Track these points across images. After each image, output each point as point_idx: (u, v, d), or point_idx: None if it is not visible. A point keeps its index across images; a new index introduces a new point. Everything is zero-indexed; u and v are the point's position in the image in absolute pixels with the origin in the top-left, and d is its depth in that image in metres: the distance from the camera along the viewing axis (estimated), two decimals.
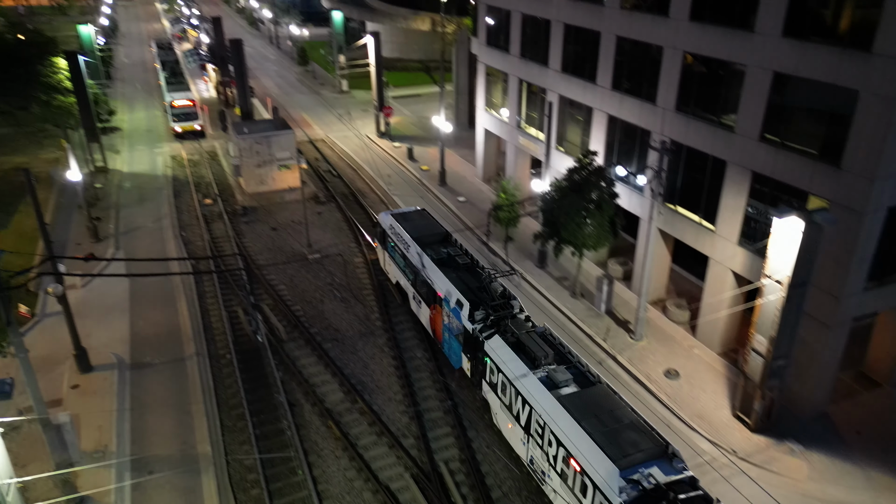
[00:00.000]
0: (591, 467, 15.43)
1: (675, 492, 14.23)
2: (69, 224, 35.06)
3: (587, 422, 16.29)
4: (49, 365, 23.56)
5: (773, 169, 20.94)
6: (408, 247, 25.58)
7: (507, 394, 19.22)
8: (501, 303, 21.58)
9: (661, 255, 27.33)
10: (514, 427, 19.14)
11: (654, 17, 24.64)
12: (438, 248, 24.95)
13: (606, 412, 16.74)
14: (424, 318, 25.15)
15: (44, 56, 44.03)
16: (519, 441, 19.08)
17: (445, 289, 22.68)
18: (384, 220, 27.95)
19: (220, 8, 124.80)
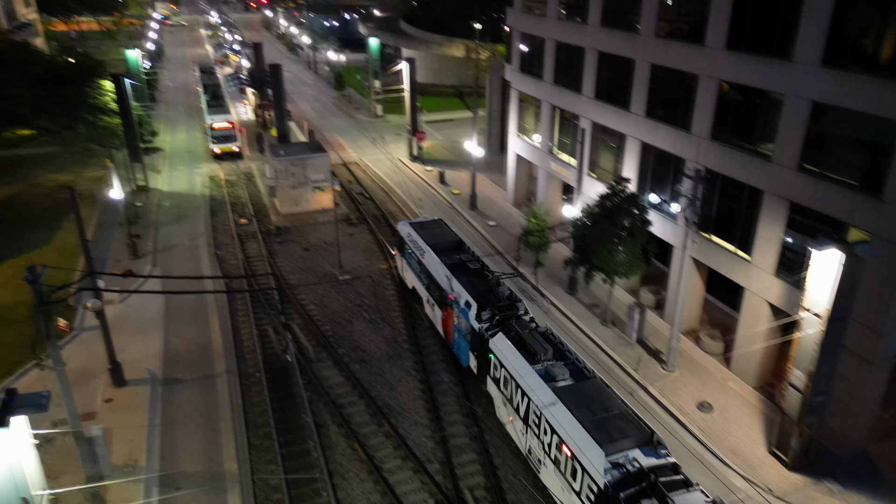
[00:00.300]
0: (580, 452, 16.59)
1: (657, 475, 15.21)
2: (109, 241, 36.06)
3: (579, 411, 17.44)
4: (84, 378, 24.08)
5: (812, 199, 20.51)
6: (423, 253, 27.11)
7: (508, 387, 20.44)
8: (507, 304, 22.88)
9: (695, 284, 26.86)
10: (515, 419, 20.27)
11: (689, 46, 24.57)
12: (452, 254, 26.60)
13: (598, 403, 17.93)
14: (437, 320, 26.52)
15: (92, 78, 45.91)
16: (519, 433, 20.18)
17: (456, 291, 24.13)
18: (402, 229, 29.71)
19: (261, 34, 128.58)
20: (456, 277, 24.61)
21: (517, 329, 21.35)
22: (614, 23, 29.01)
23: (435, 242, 27.30)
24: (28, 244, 35.11)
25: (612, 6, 29.06)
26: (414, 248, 28.11)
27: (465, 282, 24.27)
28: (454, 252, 26.89)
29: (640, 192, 28.27)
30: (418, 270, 27.89)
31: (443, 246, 27.18)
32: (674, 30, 25.81)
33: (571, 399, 17.94)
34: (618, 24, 28.79)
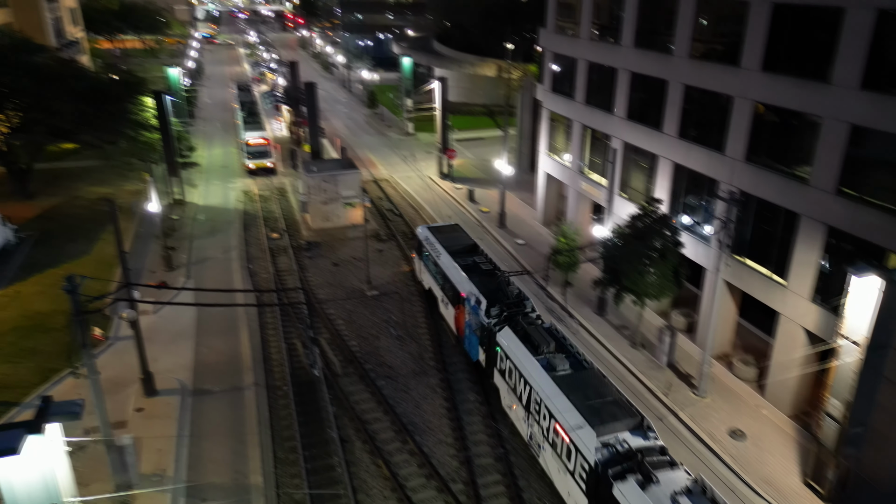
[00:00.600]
0: (574, 433, 17.93)
1: (644, 455, 16.51)
2: (146, 253, 36.93)
3: (574, 396, 18.82)
4: (117, 387, 24.56)
5: (850, 224, 20.01)
6: (439, 255, 28.82)
7: (512, 378, 21.89)
8: (515, 301, 24.55)
9: (728, 308, 26.33)
10: (518, 407, 21.68)
11: (724, 67, 24.35)
12: (466, 256, 28.21)
13: (593, 390, 19.28)
14: (450, 317, 28.11)
15: (134, 95, 47.37)
16: (521, 420, 21.51)
17: (468, 290, 25.69)
18: (421, 233, 31.56)
19: (298, 53, 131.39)
20: (468, 277, 26.18)
21: (523, 324, 22.70)
22: (647, 44, 28.94)
23: (450, 245, 28.95)
24: (68, 255, 36.16)
25: (646, 27, 29.01)
26: (431, 251, 29.71)
27: (476, 281, 25.75)
28: (468, 254, 28.46)
29: (671, 213, 27.93)
30: (434, 272, 29.43)
31: (458, 248, 28.80)
32: (708, 51, 25.62)
33: (569, 386, 19.29)
34: (651, 45, 28.70)
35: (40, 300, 31.04)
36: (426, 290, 31.18)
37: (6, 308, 30.43)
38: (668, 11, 27.22)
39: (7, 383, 24.92)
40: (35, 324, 29.03)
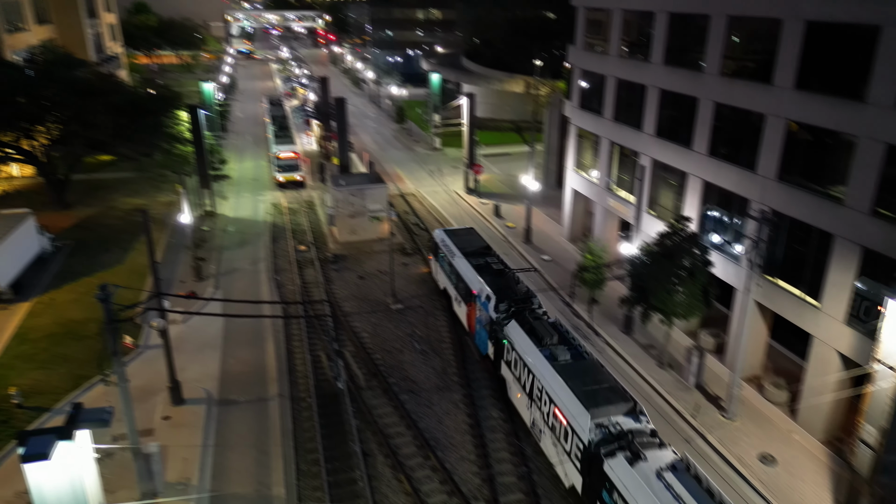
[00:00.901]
0: (570, 415, 19.22)
1: (634, 436, 17.80)
2: (177, 263, 37.62)
3: (573, 382, 19.96)
4: (145, 395, 24.95)
5: (887, 245, 19.49)
6: (454, 256, 30.46)
7: (517, 368, 23.19)
8: (523, 298, 25.85)
9: (758, 329, 25.78)
10: (522, 396, 22.97)
11: (756, 85, 24.06)
12: (478, 257, 29.68)
13: (591, 377, 20.45)
14: (462, 314, 29.50)
15: (169, 109, 48.55)
16: (525, 407, 22.84)
17: (479, 287, 27.13)
18: (437, 236, 33.28)
19: (328, 69, 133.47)
20: (480, 276, 27.66)
21: (529, 319, 24.02)
22: (678, 61, 28.76)
23: (464, 247, 30.69)
24: (102, 264, 37.02)
25: (676, 44, 28.86)
26: (446, 252, 31.47)
27: (487, 279, 27.21)
28: (481, 255, 29.92)
29: (701, 231, 27.55)
30: (449, 272, 31.11)
31: (471, 250, 30.45)
32: (739, 68, 25.35)
33: (568, 373, 20.53)
34: (681, 63, 28.52)
35: (74, 308, 31.79)
36: (441, 290, 32.90)
37: (41, 315, 31.21)
38: (698, 29, 27.06)
39: (40, 389, 25.50)
40: (68, 331, 29.71)
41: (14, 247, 33.30)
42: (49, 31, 62.69)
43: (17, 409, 24.11)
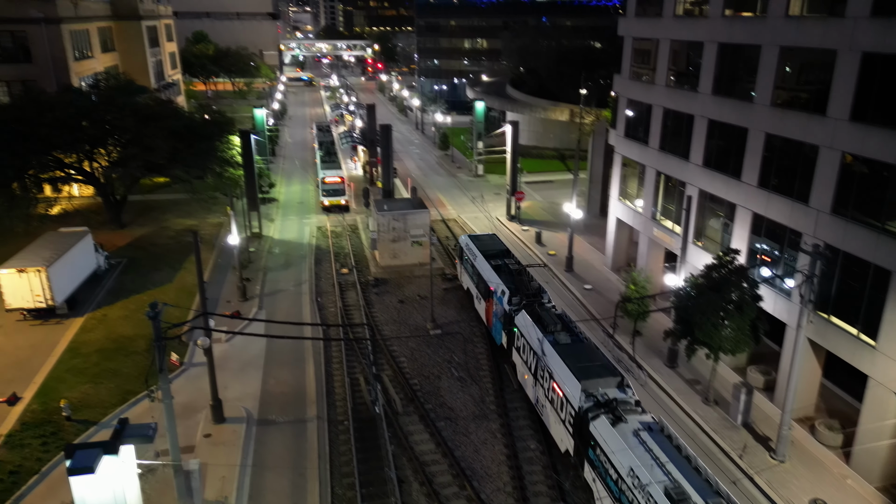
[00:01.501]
0: (565, 387, 21.72)
1: (618, 403, 20.19)
2: (223, 283, 38.56)
3: (569, 360, 22.54)
4: (188, 412, 25.44)
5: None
6: (476, 258, 33.10)
7: (525, 353, 25.91)
8: (534, 293, 28.32)
9: (811, 367, 24.73)
10: (529, 377, 25.61)
11: (809, 116, 23.47)
12: (497, 258, 32.17)
13: (586, 356, 23.06)
14: (482, 310, 32.29)
15: (223, 134, 50.27)
16: (531, 386, 25.53)
17: (496, 284, 29.66)
18: (462, 241, 36.19)
19: (375, 96, 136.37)
20: (497, 274, 30.24)
21: (537, 310, 26.44)
22: (727, 91, 28.33)
23: (485, 249, 33.45)
24: (152, 282, 38.24)
25: (726, 74, 28.45)
26: (469, 255, 34.31)
27: (504, 277, 29.70)
28: (500, 257, 32.38)
29: (750, 264, 26.77)
30: (471, 272, 33.82)
31: (491, 252, 33.05)
32: (792, 99, 24.80)
33: (566, 353, 23.10)
34: (731, 93, 28.07)
35: (124, 324, 32.83)
36: (465, 290, 35.83)
37: (93, 330, 32.34)
38: (749, 59, 26.66)
39: (89, 402, 26.30)
40: (118, 346, 30.67)
41: (72, 264, 34.72)
42: (113, 59, 66.02)
43: (66, 421, 24.92)
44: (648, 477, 16.91)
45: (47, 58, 52.43)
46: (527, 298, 27.57)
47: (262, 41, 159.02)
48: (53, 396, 26.53)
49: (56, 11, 52.36)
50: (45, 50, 52.33)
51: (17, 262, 32.34)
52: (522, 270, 30.75)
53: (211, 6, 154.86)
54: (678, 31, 31.60)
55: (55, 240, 35.83)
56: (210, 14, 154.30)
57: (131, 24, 67.93)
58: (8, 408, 25.87)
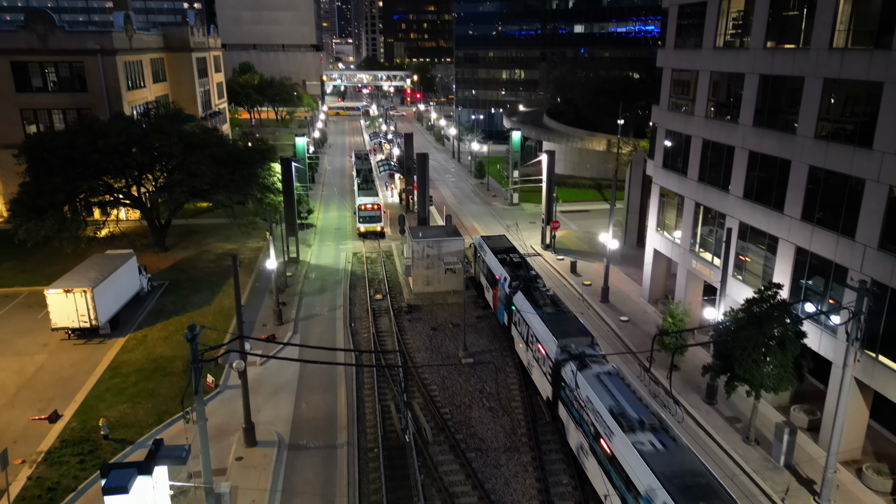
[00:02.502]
0: (547, 345, 26.73)
1: (586, 355, 24.94)
2: (259, 306, 39.19)
3: (551, 325, 27.51)
4: (221, 434, 25.71)
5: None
6: (486, 254, 38.66)
7: (520, 325, 30.73)
8: (530, 278, 33.22)
9: (857, 408, 23.71)
10: (522, 345, 30.49)
11: (855, 149, 22.91)
12: (503, 253, 37.55)
13: (565, 322, 28.24)
14: (490, 297, 37.78)
15: (264, 161, 51.60)
16: (524, 353, 30.27)
17: (500, 273, 34.95)
18: (476, 241, 42.13)
19: (413, 125, 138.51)
20: (502, 266, 35.55)
21: (532, 291, 31.37)
22: (769, 122, 27.90)
23: (494, 247, 38.94)
24: (192, 304, 39.10)
25: (767, 106, 28.06)
26: (481, 252, 39.88)
27: (507, 268, 34.95)
28: (506, 252, 37.85)
29: (793, 299, 25.98)
30: (482, 266, 39.39)
31: (499, 249, 38.48)
32: (836, 131, 24.27)
33: (549, 319, 28.24)
34: (773, 124, 27.64)
35: (164, 345, 33.56)
36: (478, 283, 41.24)
37: (133, 350, 33.13)
38: (792, 91, 26.26)
39: (126, 422, 26.84)
40: (157, 367, 31.32)
41: (116, 285, 35.81)
42: (164, 88, 68.76)
43: (103, 440, 25.44)
44: (599, 402, 21.46)
45: (102, 87, 54.94)
46: (523, 283, 32.45)
47: (306, 71, 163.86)
48: (93, 415, 27.15)
49: (112, 43, 54.99)
50: (100, 80, 54.85)
51: (65, 283, 33.49)
52: (522, 262, 36.02)
53: (258, 38, 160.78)
54: (718, 62, 31.39)
55: (101, 261, 37.05)
56: (257, 46, 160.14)
57: (182, 55, 70.80)
58: (49, 425, 26.58)
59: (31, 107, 54.88)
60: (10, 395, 29.02)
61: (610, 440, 19.92)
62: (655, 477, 17.44)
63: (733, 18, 30.50)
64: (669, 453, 18.64)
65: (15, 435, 25.94)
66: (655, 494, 17.10)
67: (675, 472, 17.72)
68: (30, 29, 53.28)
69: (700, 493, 16.93)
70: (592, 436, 21.53)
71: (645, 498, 17.51)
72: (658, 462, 18.12)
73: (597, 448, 21.12)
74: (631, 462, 18.55)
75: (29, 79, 54.54)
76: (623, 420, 19.98)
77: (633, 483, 18.16)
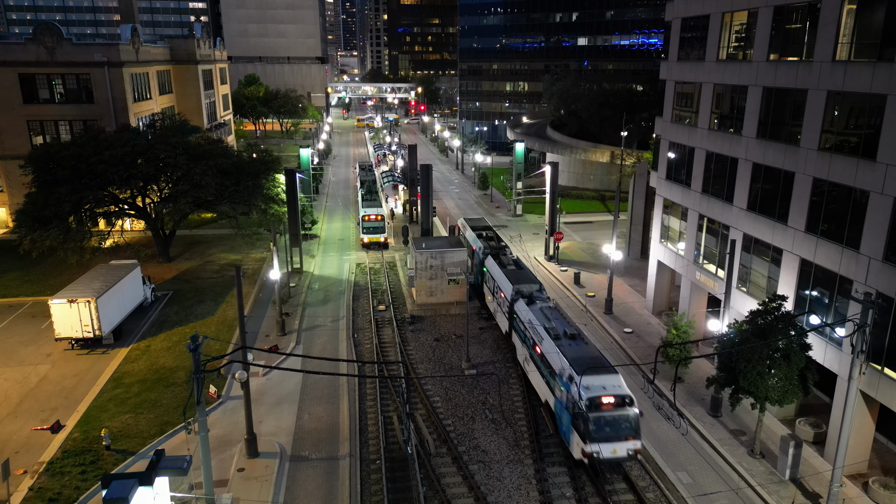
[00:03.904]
0: (504, 289, 34.19)
1: (534, 295, 32.35)
2: (262, 317, 39.19)
3: (510, 276, 34.85)
4: (223, 445, 25.62)
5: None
6: (466, 230, 46.42)
7: (489, 282, 38.10)
8: (499, 247, 41.49)
9: (863, 421, 23.52)
10: (491, 297, 37.59)
11: (859, 161, 22.89)
12: (479, 230, 45.79)
13: (522, 274, 35.50)
14: (469, 263, 43.19)
15: (269, 172, 51.81)
16: (490, 302, 37.86)
17: (476, 245, 42.43)
18: (460, 222, 50.05)
19: (417, 137, 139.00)
20: (478, 238, 43.32)
21: (500, 256, 38.67)
22: (772, 134, 27.93)
23: (473, 226, 47.00)
24: (195, 314, 39.12)
25: (771, 118, 28.10)
26: (464, 230, 47.46)
27: (481, 240, 42.74)
28: (482, 229, 46.11)
29: (797, 311, 25.86)
30: (465, 240, 45.93)
31: (477, 226, 46.81)
32: (840, 143, 24.26)
33: (509, 273, 35.51)
34: (776, 136, 27.66)
35: (167, 355, 33.54)
36: None
37: (136, 360, 33.13)
38: (795, 103, 26.30)
39: (128, 432, 26.79)
40: (159, 377, 31.29)
41: (120, 295, 35.88)
42: (170, 100, 69.26)
43: (105, 450, 25.39)
44: (537, 322, 29.19)
45: (108, 99, 55.38)
46: (493, 250, 39.87)
47: (311, 83, 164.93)
48: (95, 425, 27.12)
49: (119, 56, 55.51)
50: (107, 91, 55.31)
51: (69, 293, 33.58)
52: (494, 236, 44.68)
53: (264, 51, 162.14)
54: (721, 74, 31.48)
55: (106, 272, 37.15)
56: (262, 58, 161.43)
57: (188, 67, 71.38)
58: (51, 435, 26.55)
59: (37, 118, 55.37)
60: (12, 404, 29.02)
61: (541, 345, 27.78)
62: (566, 360, 25.45)
63: (736, 31, 30.63)
64: (579, 348, 26.54)
65: (17, 445, 25.91)
66: (564, 369, 25.13)
67: (579, 357, 25.53)
68: (38, 41, 53.85)
69: (592, 367, 24.54)
70: (531, 346, 29.23)
71: (559, 374, 25.44)
72: (569, 352, 25.98)
73: (534, 354, 28.78)
74: (553, 354, 26.58)
75: (36, 90, 55.07)
76: (551, 331, 28.01)
77: (552, 366, 26.23)
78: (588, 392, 23.23)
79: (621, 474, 24.29)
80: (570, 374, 24.31)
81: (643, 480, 24.18)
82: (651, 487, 23.81)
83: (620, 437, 22.94)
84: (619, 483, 24.04)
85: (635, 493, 23.38)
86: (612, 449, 22.78)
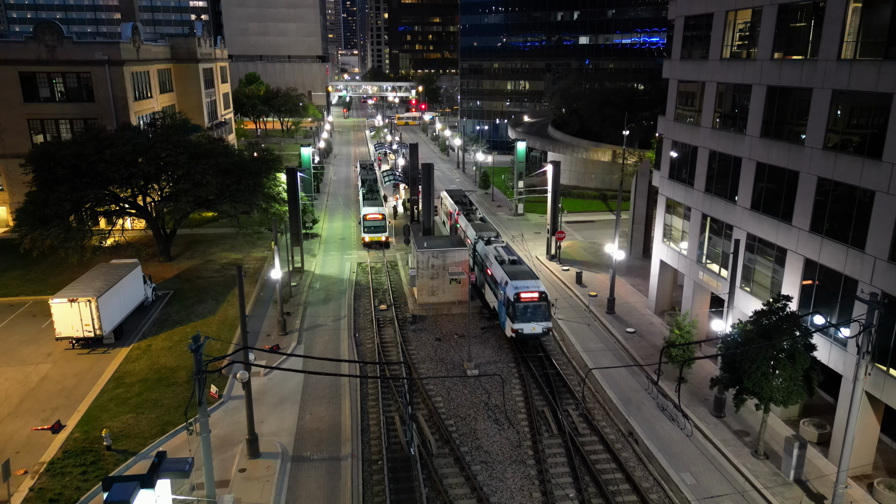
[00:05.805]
0: (470, 236, 44.94)
1: (492, 239, 43.02)
2: (264, 316, 39.06)
3: (475, 227, 45.41)
4: (224, 445, 25.51)
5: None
6: (447, 198, 55.99)
7: (462, 231, 47.83)
8: (472, 209, 51.37)
9: (868, 422, 23.39)
10: (469, 241, 44.89)
11: (864, 160, 22.74)
12: (457, 197, 55.60)
13: (484, 226, 46.35)
14: (448, 225, 54.47)
15: (270, 171, 51.67)
16: (477, 267, 43.15)
17: (453, 208, 52.23)
18: (442, 194, 58.90)
19: (418, 136, 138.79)
20: (456, 204, 52.73)
21: (469, 214, 49.34)
22: (776, 134, 27.78)
23: (452, 195, 56.06)
24: (196, 314, 39.00)
25: (775, 116, 27.94)
26: (445, 200, 56.76)
27: (458, 205, 52.19)
28: (460, 197, 55.71)
29: (802, 311, 25.72)
30: (444, 206, 57.17)
31: (455, 196, 55.85)
32: (845, 142, 24.11)
33: (475, 225, 45.84)
34: (780, 135, 27.51)
35: (167, 355, 33.43)
36: (442, 222, 58.72)
37: (137, 360, 33.02)
38: (800, 102, 26.15)
39: (129, 432, 26.68)
40: (160, 377, 31.18)
41: (121, 295, 35.76)
42: (170, 99, 69.12)
43: (106, 451, 25.28)
44: (490, 254, 38.83)
45: (109, 97, 55.24)
46: (465, 210, 50.43)
47: (311, 82, 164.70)
48: (96, 425, 27.02)
49: (119, 54, 55.36)
50: (107, 90, 55.17)
51: (69, 293, 33.46)
52: (468, 201, 54.66)
53: (265, 49, 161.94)
54: (725, 73, 31.32)
55: (106, 271, 37.03)
56: (263, 57, 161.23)
57: (189, 66, 71.22)
58: (52, 435, 26.45)
59: (38, 116, 55.24)
60: (13, 404, 28.92)
61: (491, 267, 38.01)
62: (505, 273, 35.37)
63: (740, 30, 30.47)
64: (515, 267, 36.57)
65: (18, 445, 25.80)
66: (503, 279, 35.11)
67: (513, 272, 35.63)
68: (38, 40, 53.69)
69: (519, 275, 35.23)
70: (484, 270, 39.86)
71: (500, 283, 35.52)
72: (509, 270, 35.95)
73: (486, 276, 39.22)
74: (497, 271, 36.65)
75: (37, 89, 54.93)
76: (497, 258, 37.94)
77: (496, 279, 36.37)
78: (515, 290, 33.74)
79: (539, 347, 34.97)
80: (506, 280, 34.89)
81: (647, 481, 24.08)
82: (655, 489, 23.71)
83: (537, 319, 33.43)
84: (623, 484, 23.94)
85: (639, 495, 23.27)
86: (532, 327, 33.35)
